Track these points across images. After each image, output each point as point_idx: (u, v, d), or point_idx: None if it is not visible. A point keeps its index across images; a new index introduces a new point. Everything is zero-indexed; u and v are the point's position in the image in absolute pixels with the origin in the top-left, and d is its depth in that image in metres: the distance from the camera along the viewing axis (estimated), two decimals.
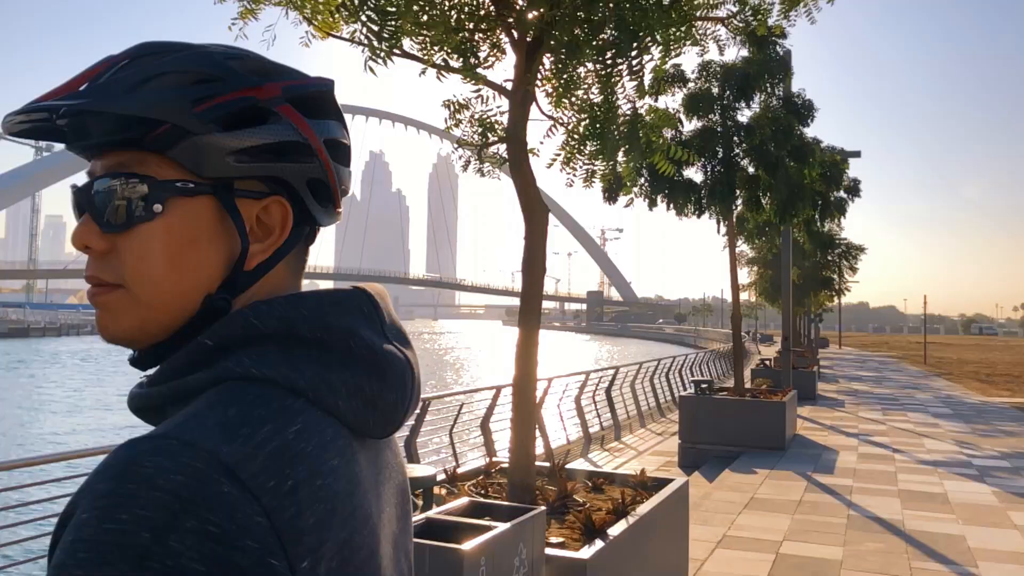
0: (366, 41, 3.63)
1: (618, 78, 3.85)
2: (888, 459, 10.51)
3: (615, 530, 3.99)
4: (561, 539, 3.87)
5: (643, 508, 4.44)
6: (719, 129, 11.49)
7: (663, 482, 5.16)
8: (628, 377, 15.03)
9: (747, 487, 8.52)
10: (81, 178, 0.75)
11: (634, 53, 3.65)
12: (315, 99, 0.76)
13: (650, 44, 3.60)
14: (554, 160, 4.56)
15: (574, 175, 4.56)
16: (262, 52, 0.78)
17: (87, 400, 28.54)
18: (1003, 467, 10.11)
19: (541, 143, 4.50)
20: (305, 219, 0.76)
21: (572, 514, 4.24)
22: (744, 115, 11.75)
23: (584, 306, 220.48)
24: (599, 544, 3.77)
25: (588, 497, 4.83)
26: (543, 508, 3.52)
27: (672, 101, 11.67)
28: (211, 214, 0.70)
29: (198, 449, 0.58)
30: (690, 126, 11.49)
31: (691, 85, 11.55)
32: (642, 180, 11.17)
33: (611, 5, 3.59)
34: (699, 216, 11.87)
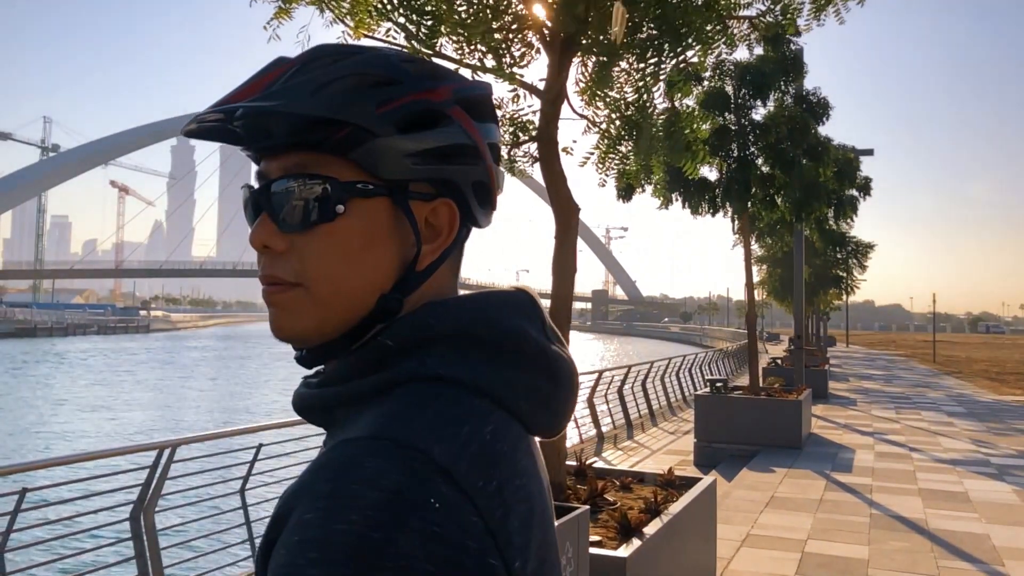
0: (405, 41, 3.64)
1: (663, 75, 3.85)
2: (905, 458, 10.49)
3: (650, 529, 4.00)
4: (598, 538, 3.88)
5: (675, 507, 4.45)
6: (734, 128, 11.47)
7: (691, 481, 5.17)
8: (639, 376, 15.02)
9: (766, 486, 8.51)
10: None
11: (679, 51, 3.66)
12: (479, 102, 0.76)
13: (693, 42, 3.61)
14: (587, 159, 4.56)
15: (606, 175, 4.56)
16: (295, 53, 0.78)
17: (94, 400, 28.62)
18: (1021, 465, 10.08)
19: (575, 142, 4.50)
20: (466, 220, 0.76)
21: (606, 513, 4.25)
22: (758, 113, 11.74)
23: (588, 305, 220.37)
24: (636, 543, 3.78)
25: (618, 496, 4.83)
26: (587, 508, 3.53)
27: (687, 100, 11.65)
28: (387, 215, 0.70)
29: (412, 449, 0.59)
30: (705, 125, 11.47)
31: (705, 84, 11.53)
32: (655, 178, 11.17)
33: (645, 5, 3.58)
34: (713, 215, 11.87)
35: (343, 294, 0.69)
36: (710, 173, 11.66)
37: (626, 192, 10.92)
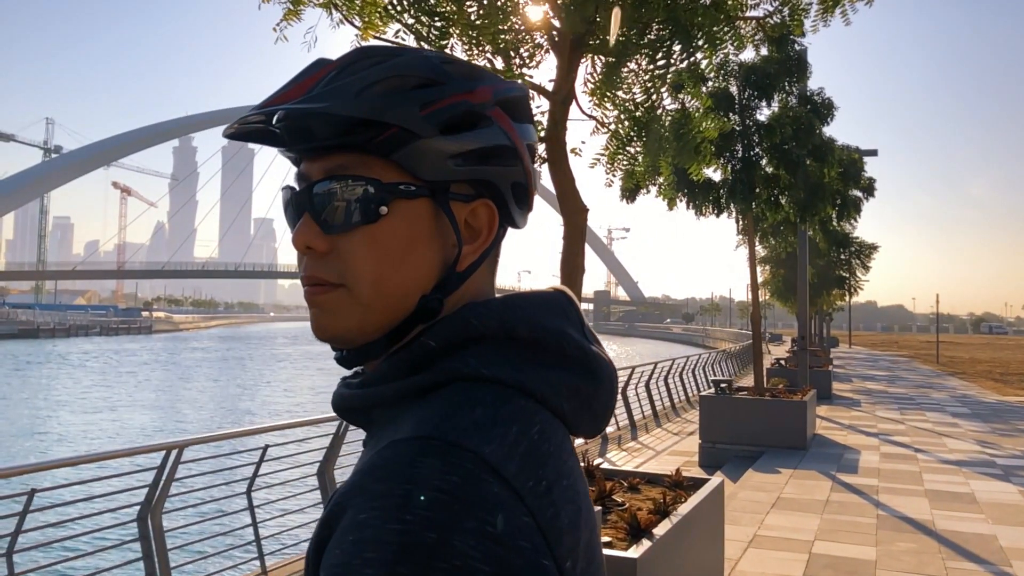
0: (415, 42, 3.64)
1: (674, 77, 3.86)
2: (911, 459, 10.48)
3: (659, 530, 3.98)
4: (607, 539, 3.87)
5: (684, 508, 4.44)
6: (738, 128, 11.46)
7: (699, 482, 5.15)
8: (643, 377, 15.03)
9: (772, 487, 8.50)
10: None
11: (689, 51, 3.66)
12: (517, 103, 0.76)
13: (703, 44, 3.61)
14: (597, 161, 4.57)
15: (614, 176, 4.56)
16: (303, 54, 0.78)
17: (98, 402, 28.65)
18: None
19: (583, 143, 4.50)
20: (504, 221, 0.76)
21: (615, 514, 4.24)
22: (763, 114, 11.73)
23: (591, 306, 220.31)
24: (646, 544, 3.77)
25: (626, 497, 4.83)
26: (599, 508, 3.52)
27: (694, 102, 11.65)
28: (428, 216, 0.70)
29: (464, 449, 0.59)
30: (713, 125, 11.47)
31: (710, 84, 11.52)
32: (661, 179, 11.17)
33: (660, 5, 3.58)
34: (718, 216, 11.86)
35: (385, 295, 0.69)
36: (714, 174, 11.65)
37: (630, 193, 10.94)
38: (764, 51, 11.22)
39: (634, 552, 3.63)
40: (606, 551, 3.62)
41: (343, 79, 0.69)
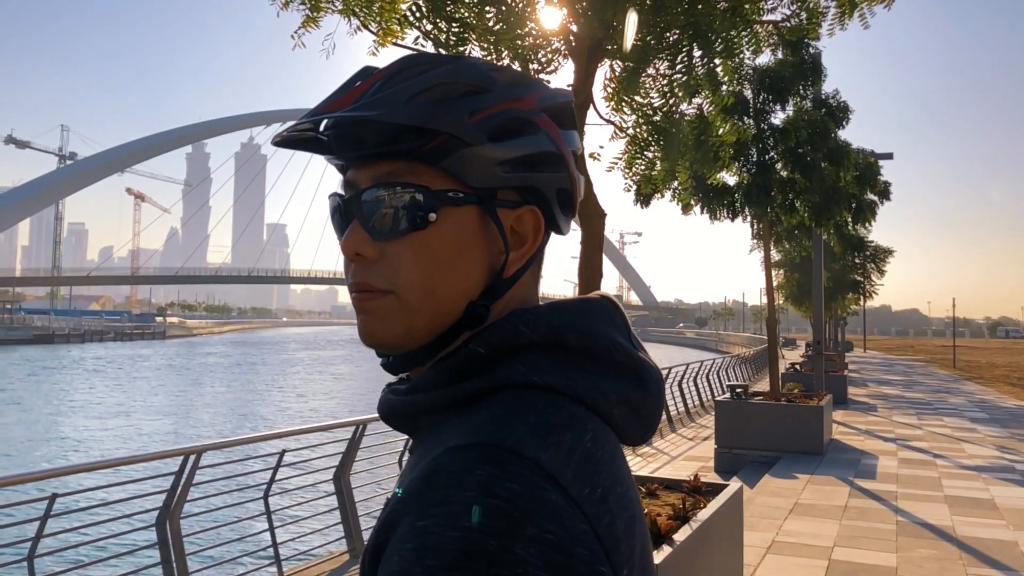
0: (433, 48, 3.65)
1: (694, 82, 3.86)
2: (930, 464, 10.38)
3: (680, 536, 3.97)
4: None
5: (704, 514, 4.41)
6: (753, 132, 11.42)
7: (718, 488, 5.13)
8: None
9: (790, 492, 8.45)
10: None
11: (707, 56, 3.66)
12: (562, 109, 0.76)
13: (720, 49, 3.61)
14: (614, 165, 4.56)
15: (632, 180, 4.56)
16: (321, 61, 0.78)
17: (113, 406, 28.83)
18: None
19: (601, 147, 4.50)
20: (548, 227, 0.76)
21: None
22: (778, 118, 11.68)
23: None
24: (667, 549, 3.75)
25: (645, 503, 4.81)
26: None
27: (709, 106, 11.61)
28: (476, 223, 0.70)
29: (522, 457, 0.58)
30: (728, 128, 11.43)
31: (724, 89, 11.48)
32: (676, 184, 11.14)
33: (678, 10, 3.58)
34: (733, 220, 11.83)
35: (434, 301, 0.69)
36: (730, 178, 11.61)
37: (645, 198, 10.91)
38: (779, 54, 11.19)
39: (656, 558, 3.62)
40: None
41: (392, 87, 0.69)
